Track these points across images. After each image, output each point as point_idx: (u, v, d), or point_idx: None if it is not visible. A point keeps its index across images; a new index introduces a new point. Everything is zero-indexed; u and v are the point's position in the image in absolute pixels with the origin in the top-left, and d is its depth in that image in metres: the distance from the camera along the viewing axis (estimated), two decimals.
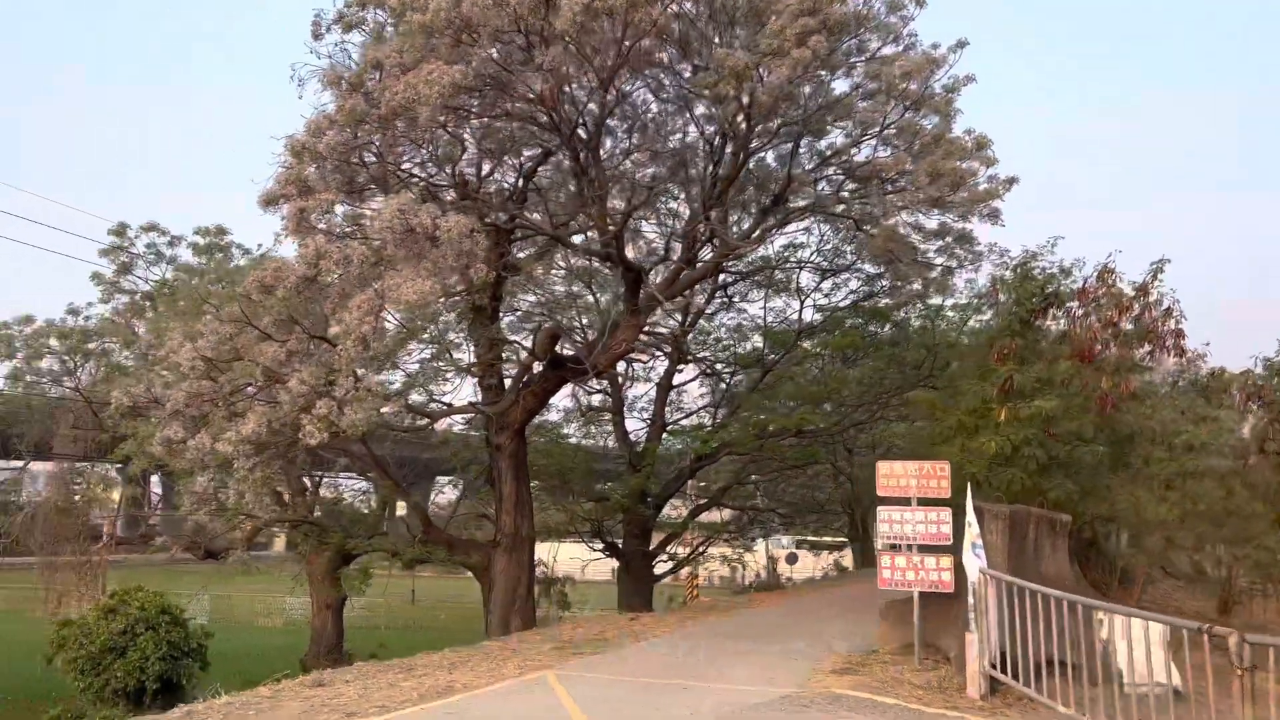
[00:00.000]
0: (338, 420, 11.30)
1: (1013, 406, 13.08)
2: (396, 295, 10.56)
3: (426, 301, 10.36)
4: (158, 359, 12.21)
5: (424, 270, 10.67)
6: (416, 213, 10.59)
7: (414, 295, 10.30)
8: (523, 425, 17.80)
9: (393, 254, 10.70)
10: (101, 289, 26.90)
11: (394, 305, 10.73)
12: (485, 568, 17.73)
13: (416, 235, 10.71)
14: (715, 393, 28.36)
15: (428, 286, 10.40)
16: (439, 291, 10.51)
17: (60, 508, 25.08)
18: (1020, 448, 12.82)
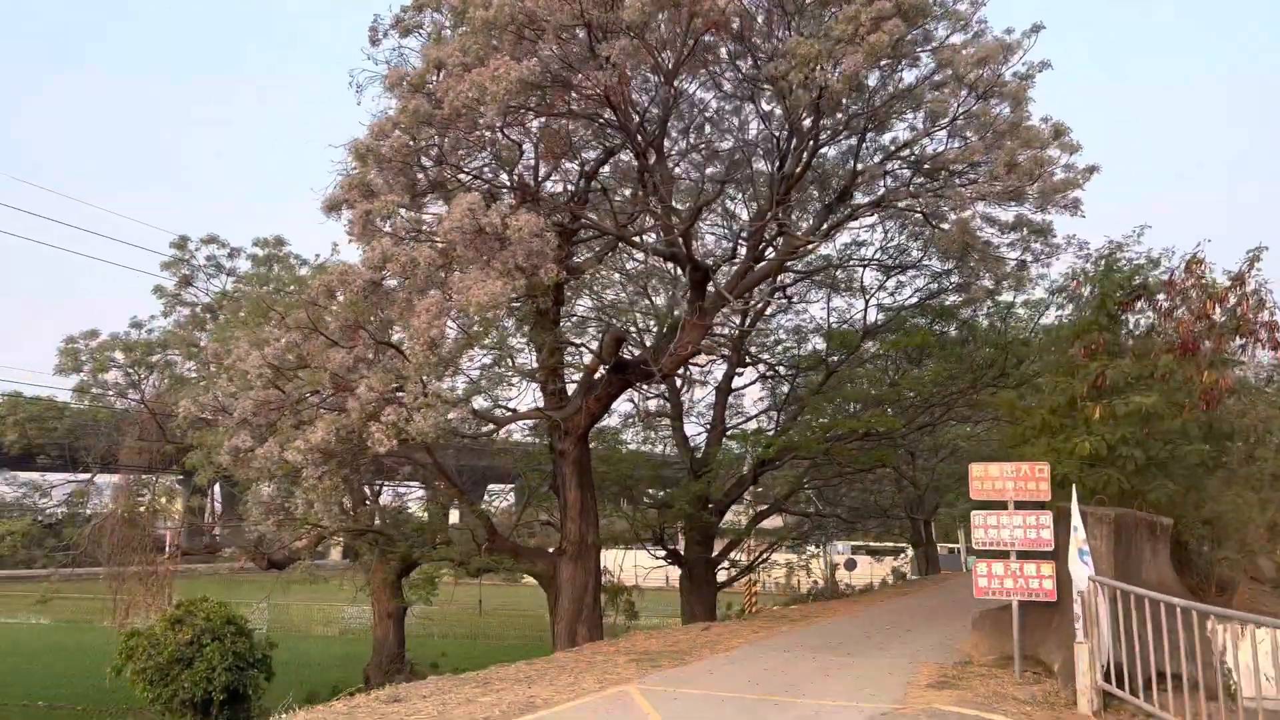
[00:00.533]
0: (406, 427, 11.03)
1: (1108, 404, 12.38)
2: (466, 297, 10.25)
3: (497, 303, 10.03)
4: (225, 367, 12.05)
5: (493, 271, 10.35)
6: (485, 212, 10.29)
7: (485, 296, 9.98)
8: (586, 431, 17.45)
9: (462, 255, 10.40)
10: (164, 302, 27.14)
11: (463, 308, 10.42)
12: (551, 576, 17.40)
13: (486, 235, 10.41)
14: (775, 396, 27.82)
15: (498, 287, 10.08)
16: (509, 292, 10.17)
17: (126, 519, 25.24)
18: (1116, 447, 12.13)
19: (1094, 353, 13.85)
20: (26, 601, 41.65)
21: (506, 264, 10.35)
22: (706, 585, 25.18)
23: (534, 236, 10.25)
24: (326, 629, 43.00)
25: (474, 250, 10.41)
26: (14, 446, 25.23)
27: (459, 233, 10.19)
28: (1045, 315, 22.25)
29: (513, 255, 10.36)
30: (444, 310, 11.08)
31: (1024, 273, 18.50)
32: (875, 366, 25.63)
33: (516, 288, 10.37)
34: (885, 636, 13.86)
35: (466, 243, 10.31)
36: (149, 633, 18.52)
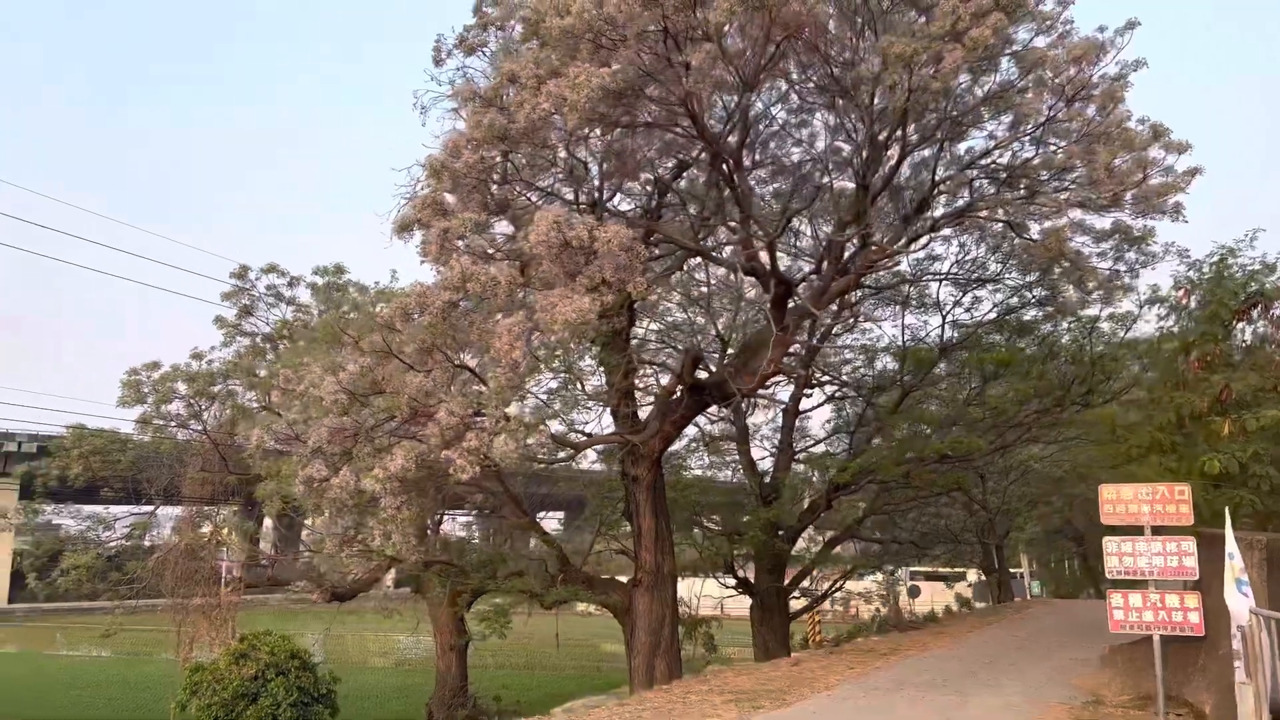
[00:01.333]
0: (489, 452, 10.49)
1: (1237, 418, 11.47)
2: (551, 315, 9.70)
3: (585, 319, 9.48)
4: (298, 393, 11.62)
5: (579, 287, 9.81)
6: (572, 224, 9.76)
7: (572, 313, 9.43)
8: (660, 455, 16.83)
9: (547, 270, 9.87)
10: (224, 332, 27.07)
11: (548, 326, 9.87)
12: (626, 608, 16.71)
13: (571, 249, 9.87)
14: (843, 418, 26.97)
15: (586, 303, 9.52)
16: (597, 309, 9.61)
17: (189, 551, 25.05)
18: (1249, 465, 11.20)
19: (1210, 365, 12.96)
20: (89, 634, 41.85)
21: (593, 278, 9.80)
22: (778, 615, 24.29)
23: (623, 249, 9.69)
24: (382, 660, 42.62)
25: (560, 265, 9.88)
26: (78, 479, 25.19)
27: (545, 246, 9.67)
28: (1133, 328, 21.25)
29: (600, 269, 9.81)
30: (526, 331, 10.55)
31: (1117, 283, 17.58)
32: (948, 386, 24.71)
33: (605, 303, 9.80)
34: (992, 672, 12.96)
35: (553, 256, 9.78)
36: (213, 668, 18.20)
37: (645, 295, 11.13)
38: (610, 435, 15.97)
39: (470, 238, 11.18)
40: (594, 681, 34.48)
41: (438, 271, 11.85)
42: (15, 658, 43.03)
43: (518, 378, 10.78)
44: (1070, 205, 14.35)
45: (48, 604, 51.99)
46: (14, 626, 58.21)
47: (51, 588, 24.45)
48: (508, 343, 10.38)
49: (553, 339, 9.78)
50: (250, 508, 25.32)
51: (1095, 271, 16.46)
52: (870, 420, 23.23)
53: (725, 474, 27.91)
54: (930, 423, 21.66)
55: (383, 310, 11.42)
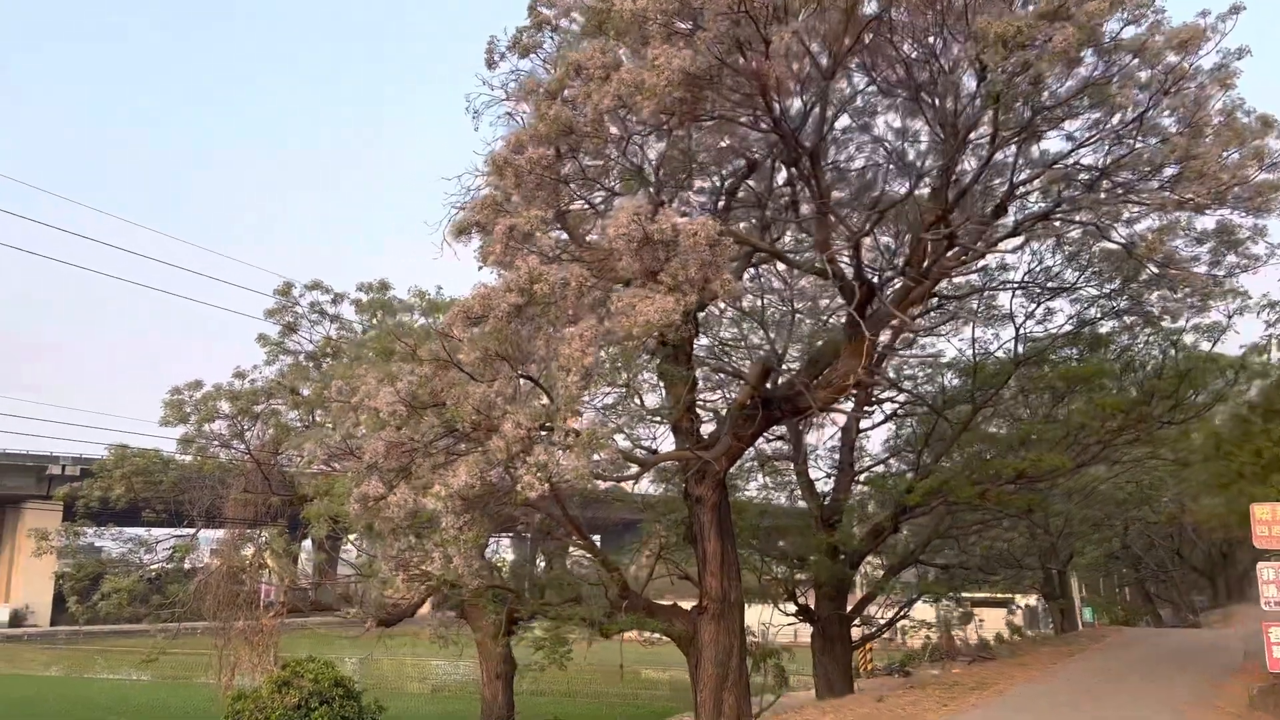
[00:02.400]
0: (558, 469, 9.63)
1: None
2: (632, 317, 8.83)
3: (669, 321, 8.61)
4: (350, 405, 10.85)
5: (661, 285, 8.95)
6: (653, 217, 8.92)
7: (655, 314, 8.56)
8: (725, 474, 15.88)
9: (626, 267, 9.02)
10: (267, 350, 26.59)
11: (628, 329, 9.00)
12: (690, 637, 15.71)
13: (652, 244, 9.02)
14: (902, 437, 25.84)
15: (670, 303, 8.66)
16: (680, 309, 8.74)
17: (230, 574, 24.43)
18: None
19: None
20: (131, 658, 41.44)
21: (675, 276, 8.93)
22: (840, 644, 23.14)
23: (709, 244, 8.82)
24: (420, 685, 41.79)
25: (639, 261, 9.02)
26: (120, 500, 24.71)
27: (625, 240, 8.82)
28: (1220, 340, 19.97)
29: (683, 266, 8.94)
30: (598, 336, 9.69)
31: (1215, 288, 16.40)
32: (1016, 402, 23.52)
33: (688, 304, 8.93)
34: (1104, 710, 11.79)
35: (632, 251, 8.93)
36: (255, 695, 17.54)
37: (733, 295, 10.24)
38: (679, 451, 15.05)
39: (538, 237, 10.37)
40: (637, 710, 33.40)
41: (499, 275, 11.07)
42: (56, 681, 42.73)
43: (588, 387, 9.91)
44: (1171, 204, 13.29)
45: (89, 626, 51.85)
46: (56, 649, 58.17)
47: (92, 611, 23.92)
48: (579, 348, 9.53)
49: (630, 344, 8.91)
50: (293, 529, 24.69)
51: (1195, 276, 15.30)
52: (939, 438, 22.08)
53: (779, 497, 26.90)
54: (1005, 441, 20.52)
55: (441, 317, 10.62)
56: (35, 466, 65.06)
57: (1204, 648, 22.88)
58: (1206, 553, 49.44)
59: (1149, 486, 35.90)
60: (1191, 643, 24.74)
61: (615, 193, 12.72)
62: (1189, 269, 15.52)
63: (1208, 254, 16.35)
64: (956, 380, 23.12)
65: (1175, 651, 20.24)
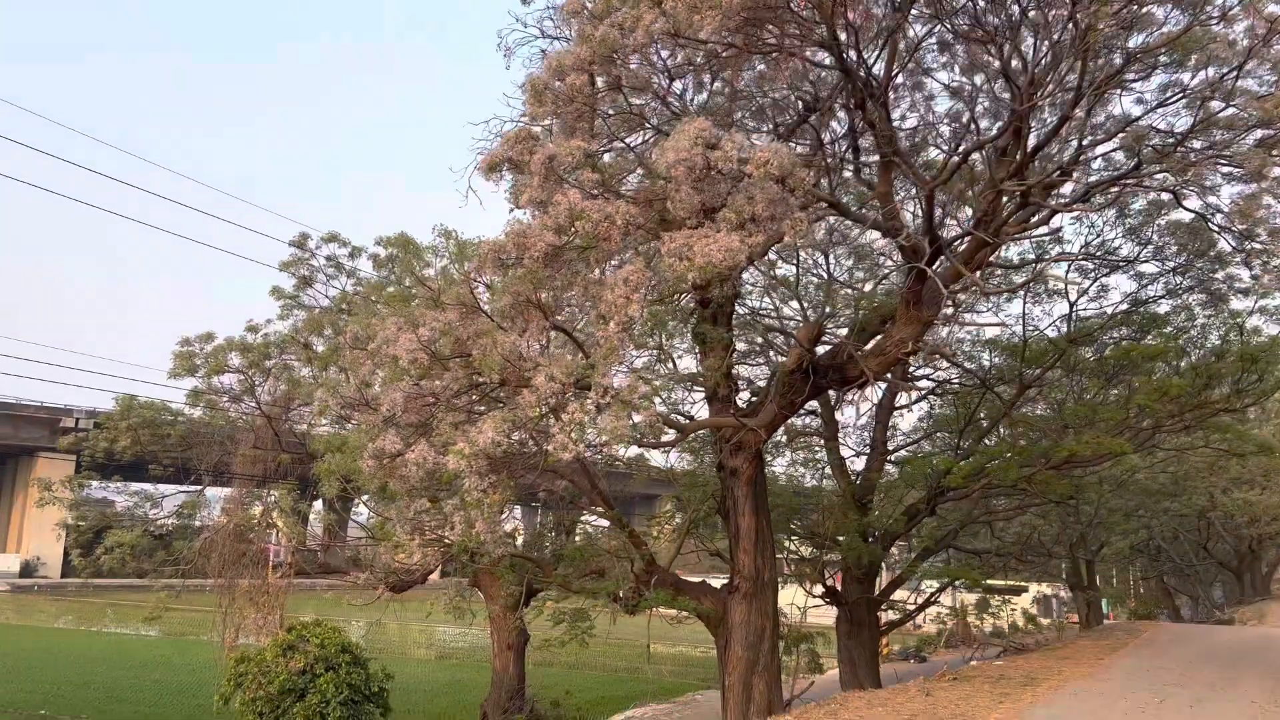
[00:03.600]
0: (596, 427, 8.64)
1: None
2: (688, 259, 7.78)
3: (735, 262, 7.56)
4: (368, 352, 9.87)
5: (722, 224, 7.88)
6: (717, 143, 7.83)
7: (719, 254, 7.51)
8: (761, 446, 14.87)
9: (684, 201, 7.95)
10: (281, 304, 25.64)
11: (683, 273, 7.95)
12: (720, 617, 14.76)
13: (714, 176, 7.94)
14: (935, 416, 24.74)
15: (735, 242, 7.59)
16: (747, 250, 7.69)
17: (237, 532, 23.68)
18: None
19: None
20: (139, 613, 41.13)
21: (740, 213, 7.85)
22: (868, 629, 22.18)
23: (782, 175, 7.73)
24: (425, 652, 41.29)
25: (700, 194, 7.95)
26: (126, 453, 23.89)
27: (685, 168, 7.74)
28: None
29: (749, 201, 7.87)
30: (645, 281, 8.65)
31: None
32: (1061, 386, 22.34)
33: (753, 245, 7.86)
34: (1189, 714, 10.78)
35: (693, 181, 7.86)
36: (259, 659, 16.82)
37: (805, 236, 9.18)
38: (722, 418, 14.02)
39: (581, 171, 9.31)
40: (646, 685, 32.69)
41: (535, 215, 10.03)
42: (64, 634, 42.44)
43: (631, 339, 8.89)
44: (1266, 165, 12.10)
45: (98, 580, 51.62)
46: (66, 601, 58.05)
47: (95, 565, 23.21)
48: (624, 294, 8.49)
49: (684, 288, 7.85)
50: (303, 489, 23.89)
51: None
52: (982, 418, 20.97)
53: (806, 475, 25.88)
54: (1051, 423, 19.40)
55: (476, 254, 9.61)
56: (49, 419, 64.64)
57: (1257, 646, 21.85)
58: (1234, 547, 48.24)
59: (1183, 477, 34.68)
60: (1238, 640, 23.72)
61: (661, 131, 11.62)
62: (1274, 242, 14.31)
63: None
64: (998, 359, 21.95)
65: (1228, 650, 19.25)
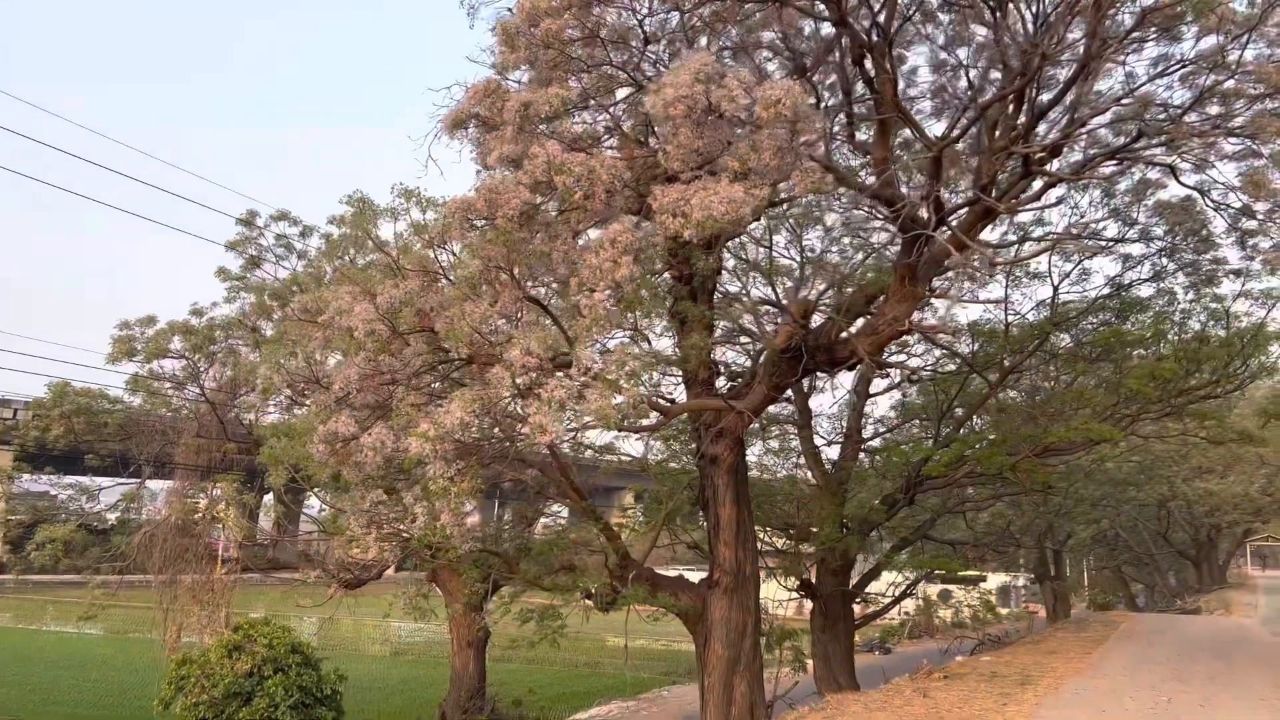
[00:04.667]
0: (580, 408, 7.69)
1: None
2: (684, 214, 6.84)
3: (739, 215, 6.65)
4: (318, 324, 8.80)
5: (725, 174, 6.96)
6: (720, 80, 6.89)
7: (720, 206, 6.60)
8: (743, 432, 14.02)
9: (682, 148, 7.00)
10: (227, 286, 24.26)
11: (676, 230, 7.02)
12: (699, 614, 13.89)
13: (715, 122, 7.00)
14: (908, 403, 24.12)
15: (739, 193, 6.67)
16: (753, 202, 6.77)
17: (180, 527, 22.36)
18: None
19: None
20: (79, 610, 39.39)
21: (744, 161, 6.93)
22: (843, 623, 21.50)
23: (794, 119, 6.81)
24: (380, 648, 40.07)
25: (700, 139, 7.01)
26: (59, 441, 22.45)
27: (684, 108, 6.79)
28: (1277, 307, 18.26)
29: (755, 148, 6.95)
30: (635, 242, 7.69)
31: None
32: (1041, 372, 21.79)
33: (758, 198, 6.94)
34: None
35: (692, 125, 6.91)
36: (202, 660, 15.66)
37: (820, 191, 8.27)
38: (710, 400, 13.12)
39: (561, 121, 8.32)
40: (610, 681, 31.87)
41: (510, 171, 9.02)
42: (2, 632, 40.49)
43: (618, 311, 7.94)
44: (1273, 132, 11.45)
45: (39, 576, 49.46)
46: (4, 597, 55.66)
47: (25, 562, 21.75)
48: (610, 257, 7.53)
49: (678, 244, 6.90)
50: (251, 480, 22.60)
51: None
52: (962, 403, 20.33)
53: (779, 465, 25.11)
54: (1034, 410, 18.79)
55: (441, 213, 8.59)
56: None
57: (1236, 638, 21.59)
58: (1193, 536, 48.61)
59: (1149, 466, 34.61)
60: (1215, 632, 23.49)
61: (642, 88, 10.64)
62: (1270, 217, 13.73)
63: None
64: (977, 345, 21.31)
65: (1212, 643, 18.90)
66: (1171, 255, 18.08)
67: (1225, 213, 14.76)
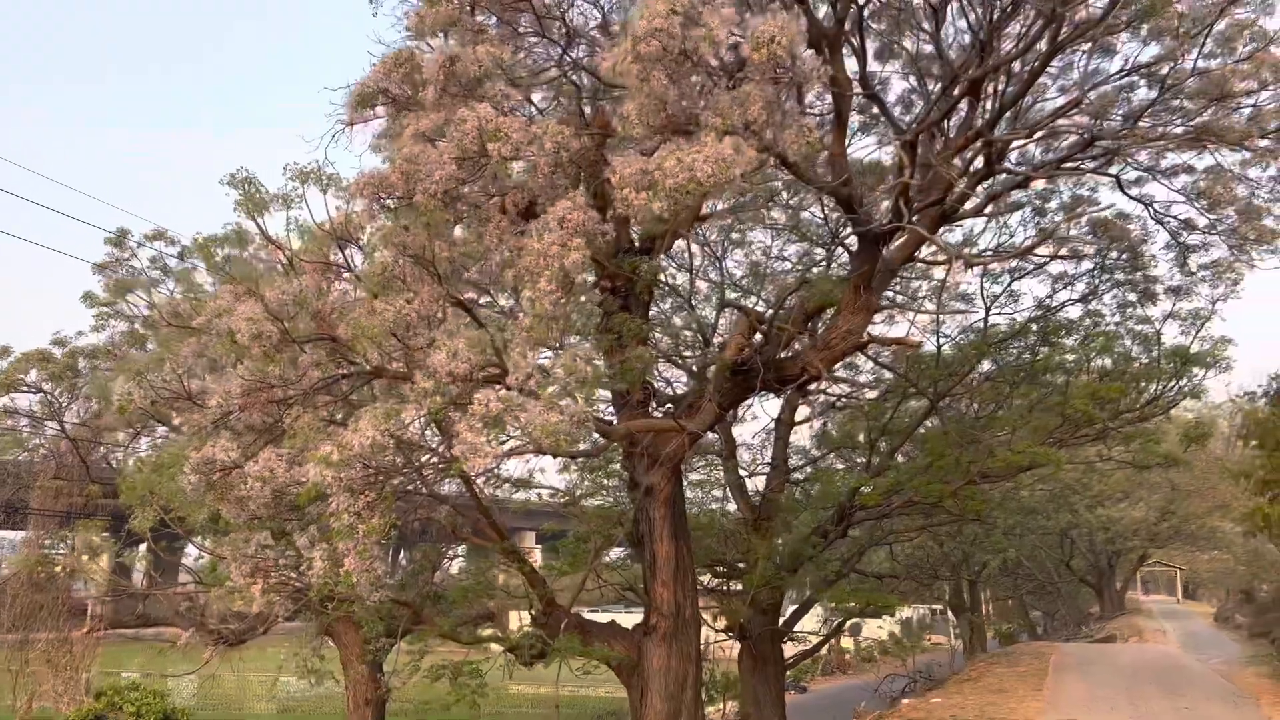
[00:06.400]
0: (527, 428, 6.30)
1: None
2: (656, 181, 5.58)
3: (728, 177, 5.43)
4: (193, 327, 7.18)
5: (711, 131, 5.73)
6: (697, 14, 5.67)
7: (706, 167, 5.37)
8: (681, 459, 12.75)
9: (657, 94, 5.75)
10: (96, 313, 21.84)
11: (642, 206, 5.75)
12: (634, 664, 12.44)
13: (694, 68, 5.78)
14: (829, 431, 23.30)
15: (728, 150, 5.47)
16: (744, 161, 5.57)
17: (35, 582, 19.80)
18: None
19: None
20: None
21: (729, 119, 5.73)
22: (773, 664, 20.28)
23: (788, 61, 5.64)
24: (267, 705, 37.20)
25: (674, 90, 5.78)
26: None
27: (657, 46, 5.54)
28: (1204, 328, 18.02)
29: (741, 105, 5.75)
30: (586, 222, 6.39)
31: (1244, 259, 14.19)
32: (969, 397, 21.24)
33: (749, 159, 5.74)
34: None
35: (668, 68, 5.66)
36: None
37: (814, 151, 7.08)
38: (660, 421, 11.81)
39: (494, 82, 6.98)
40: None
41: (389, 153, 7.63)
42: None
43: (565, 304, 6.60)
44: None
45: None
46: None
47: None
48: (559, 239, 6.21)
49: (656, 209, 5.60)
50: (118, 525, 20.18)
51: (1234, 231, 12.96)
52: (894, 431, 19.52)
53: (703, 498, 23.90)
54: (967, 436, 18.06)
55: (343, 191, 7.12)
56: None
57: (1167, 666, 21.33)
58: (1093, 563, 49.41)
59: (1059, 494, 34.72)
60: (1143, 660, 23.21)
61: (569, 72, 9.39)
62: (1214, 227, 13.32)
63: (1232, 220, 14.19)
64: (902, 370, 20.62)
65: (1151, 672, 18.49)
66: (1106, 272, 17.69)
67: (1168, 225, 14.42)
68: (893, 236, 10.58)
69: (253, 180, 7.63)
